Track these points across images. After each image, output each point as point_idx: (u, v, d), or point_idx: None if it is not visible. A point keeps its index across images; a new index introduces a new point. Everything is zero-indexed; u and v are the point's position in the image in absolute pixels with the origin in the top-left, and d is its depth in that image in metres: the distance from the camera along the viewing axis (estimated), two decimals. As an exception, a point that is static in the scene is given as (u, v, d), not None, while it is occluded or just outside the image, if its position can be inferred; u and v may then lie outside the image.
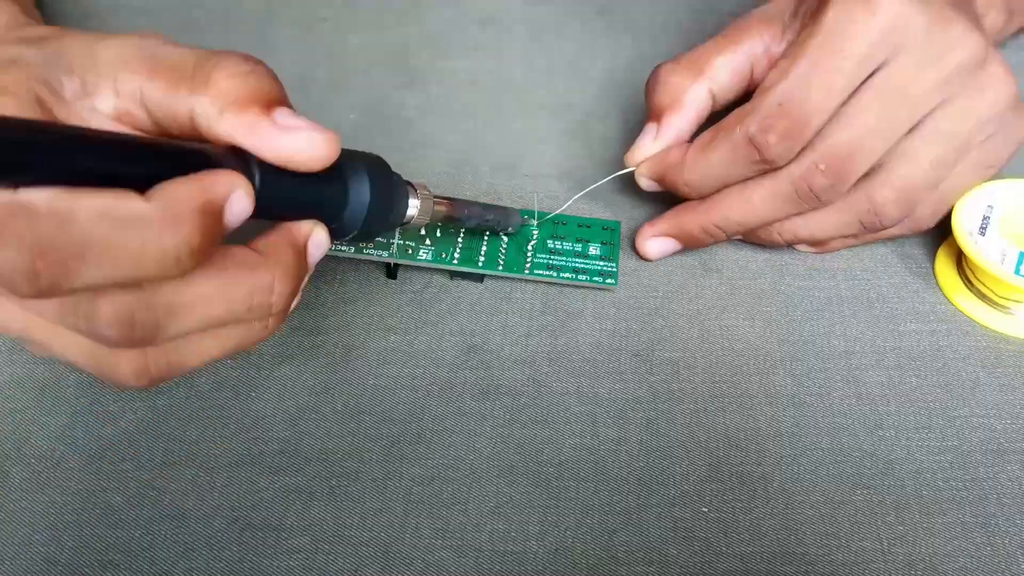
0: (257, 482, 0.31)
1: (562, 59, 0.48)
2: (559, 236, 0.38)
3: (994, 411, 0.33)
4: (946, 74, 0.32)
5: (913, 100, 0.33)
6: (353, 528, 0.30)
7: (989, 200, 0.36)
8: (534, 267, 0.37)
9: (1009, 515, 0.31)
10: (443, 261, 0.37)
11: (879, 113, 0.32)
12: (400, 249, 0.37)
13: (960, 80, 0.33)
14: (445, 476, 0.32)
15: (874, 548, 0.30)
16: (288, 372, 0.34)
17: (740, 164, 0.34)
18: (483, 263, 0.37)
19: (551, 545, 0.30)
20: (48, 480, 0.31)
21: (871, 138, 0.33)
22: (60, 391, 0.34)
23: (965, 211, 0.36)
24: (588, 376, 0.34)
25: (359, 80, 0.47)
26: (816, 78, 0.32)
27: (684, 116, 0.36)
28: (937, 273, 0.37)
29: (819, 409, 0.33)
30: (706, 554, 0.30)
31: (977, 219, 0.36)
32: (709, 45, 0.36)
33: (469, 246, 0.37)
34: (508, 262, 0.37)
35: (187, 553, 0.30)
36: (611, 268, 0.37)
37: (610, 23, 0.50)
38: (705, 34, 0.48)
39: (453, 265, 0.37)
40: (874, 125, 0.32)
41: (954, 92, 0.33)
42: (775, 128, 0.32)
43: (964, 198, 0.36)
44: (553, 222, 0.39)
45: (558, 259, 0.37)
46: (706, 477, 0.32)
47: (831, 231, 0.36)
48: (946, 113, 0.33)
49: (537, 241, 0.38)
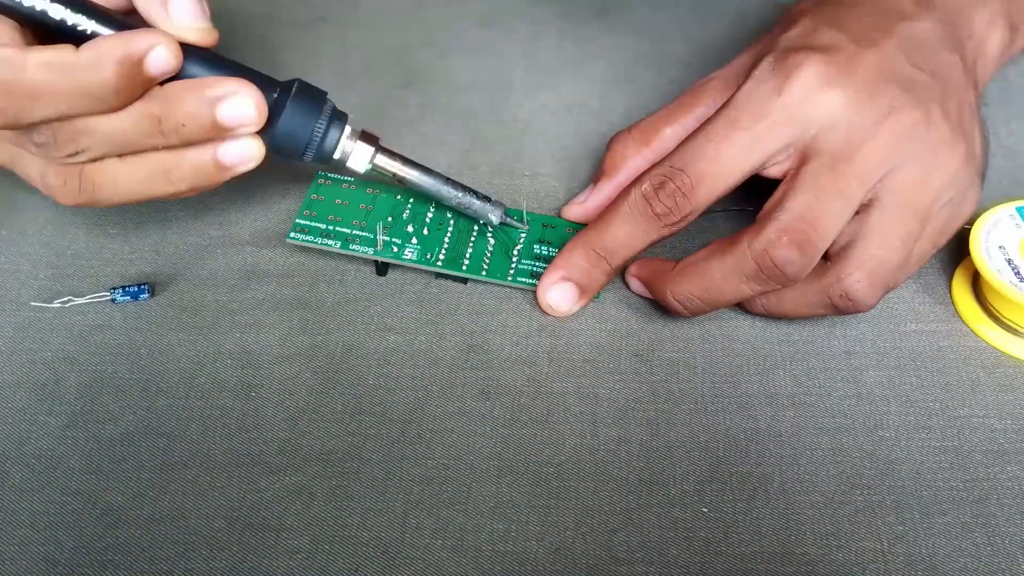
0: (257, 482, 0.31)
1: (562, 59, 0.48)
2: (547, 240, 0.38)
3: (994, 411, 0.33)
4: (885, 142, 0.32)
5: (858, 171, 0.32)
6: (353, 528, 0.30)
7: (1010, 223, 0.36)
8: (518, 274, 0.37)
9: (1009, 515, 0.31)
10: (428, 262, 0.36)
11: (832, 187, 0.32)
12: (386, 246, 0.37)
13: (907, 146, 0.32)
14: (445, 476, 0.32)
15: (874, 548, 0.30)
16: (288, 372, 0.34)
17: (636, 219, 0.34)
18: (467, 267, 0.37)
19: (551, 545, 0.30)
20: (48, 480, 0.31)
21: (828, 207, 0.32)
22: (60, 391, 0.34)
23: (984, 234, 0.35)
24: (588, 376, 0.34)
25: (359, 80, 0.47)
26: (711, 149, 0.33)
27: (615, 183, 0.37)
28: (955, 299, 0.37)
29: (819, 409, 0.33)
30: (706, 554, 0.30)
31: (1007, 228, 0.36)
32: (661, 114, 0.37)
33: (456, 247, 0.37)
34: (492, 267, 0.37)
35: (187, 553, 0.30)
36: None
37: (610, 23, 0.50)
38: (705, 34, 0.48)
39: (437, 267, 0.36)
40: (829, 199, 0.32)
41: (902, 159, 0.32)
42: (665, 187, 0.33)
43: (984, 219, 0.36)
44: (542, 224, 0.39)
45: (543, 267, 0.37)
46: (706, 477, 0.32)
47: (804, 310, 0.34)
48: (901, 181, 0.32)
49: (524, 245, 0.38)
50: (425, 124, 0.45)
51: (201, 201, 0.41)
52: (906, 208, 0.32)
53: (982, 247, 0.35)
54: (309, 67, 0.47)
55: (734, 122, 0.33)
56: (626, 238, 0.35)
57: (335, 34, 0.49)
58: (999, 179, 0.41)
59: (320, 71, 0.47)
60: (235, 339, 0.36)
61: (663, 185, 0.33)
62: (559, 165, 0.42)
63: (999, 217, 0.36)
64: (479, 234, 0.38)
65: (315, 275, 0.38)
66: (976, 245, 0.35)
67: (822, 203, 0.32)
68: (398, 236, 0.37)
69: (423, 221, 0.38)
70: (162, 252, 0.39)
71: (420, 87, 0.46)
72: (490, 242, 0.38)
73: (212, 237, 0.39)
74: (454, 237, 0.37)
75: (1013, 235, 0.35)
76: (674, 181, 0.33)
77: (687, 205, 0.33)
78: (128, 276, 0.38)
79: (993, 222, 0.36)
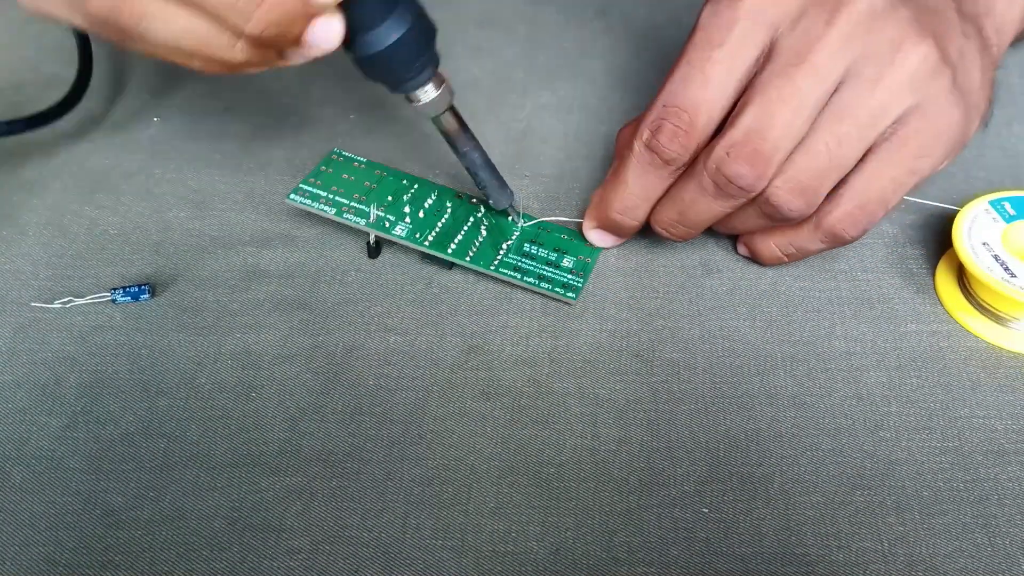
0: (257, 483, 0.31)
1: (562, 59, 0.48)
2: (539, 242, 0.38)
3: (994, 412, 0.33)
4: (839, 38, 0.31)
5: (810, 73, 0.31)
6: (353, 529, 0.30)
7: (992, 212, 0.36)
8: (502, 265, 0.37)
9: (1009, 515, 0.31)
10: (416, 240, 0.37)
11: (778, 95, 0.31)
12: (379, 220, 0.37)
13: (863, 41, 0.31)
14: (445, 477, 0.32)
15: (875, 549, 0.30)
16: (288, 372, 0.34)
17: (647, 172, 0.34)
18: (454, 251, 0.37)
19: (551, 546, 0.30)
20: (48, 481, 0.31)
21: (778, 117, 0.31)
22: (60, 392, 0.34)
23: (966, 224, 0.36)
24: (589, 377, 0.34)
25: (359, 80, 0.46)
26: (696, 73, 0.32)
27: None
28: (938, 287, 0.37)
29: (820, 410, 0.33)
30: (706, 555, 0.30)
31: (979, 231, 0.36)
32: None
33: (446, 231, 0.37)
34: (478, 255, 0.37)
35: (187, 554, 0.30)
36: (577, 283, 0.37)
37: (610, 23, 0.50)
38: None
39: (425, 246, 0.37)
40: (777, 107, 0.31)
41: (858, 60, 0.31)
42: (664, 129, 0.33)
43: (966, 210, 0.36)
44: (538, 227, 0.39)
45: (528, 263, 0.37)
46: (707, 478, 0.32)
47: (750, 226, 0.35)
48: (852, 85, 0.31)
49: (515, 241, 0.38)
50: (425, 124, 0.44)
51: (201, 201, 0.41)
52: (844, 112, 0.31)
53: (965, 243, 0.35)
54: (309, 67, 0.47)
55: (708, 41, 0.32)
56: (643, 191, 0.35)
57: (335, 34, 0.49)
58: (1000, 179, 0.41)
59: (320, 70, 0.47)
60: (235, 339, 0.36)
61: (661, 128, 0.33)
62: (559, 166, 0.42)
63: (975, 213, 0.36)
64: (472, 225, 0.38)
65: (315, 275, 0.38)
66: (959, 239, 0.35)
67: (771, 113, 0.31)
68: (393, 214, 0.38)
69: (421, 205, 0.38)
70: (162, 252, 0.39)
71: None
72: (482, 234, 0.38)
73: (212, 237, 0.39)
74: (448, 224, 0.38)
75: (993, 229, 0.36)
76: (671, 121, 0.32)
77: (691, 141, 0.33)
78: (128, 276, 0.38)
79: (971, 218, 0.36)
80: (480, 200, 0.39)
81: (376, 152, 0.41)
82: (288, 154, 0.43)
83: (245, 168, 0.42)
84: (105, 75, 0.47)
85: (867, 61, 0.31)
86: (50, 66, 0.48)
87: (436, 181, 0.40)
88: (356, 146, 0.42)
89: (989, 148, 0.43)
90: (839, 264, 0.38)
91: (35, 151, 0.43)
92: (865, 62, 0.31)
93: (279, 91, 0.46)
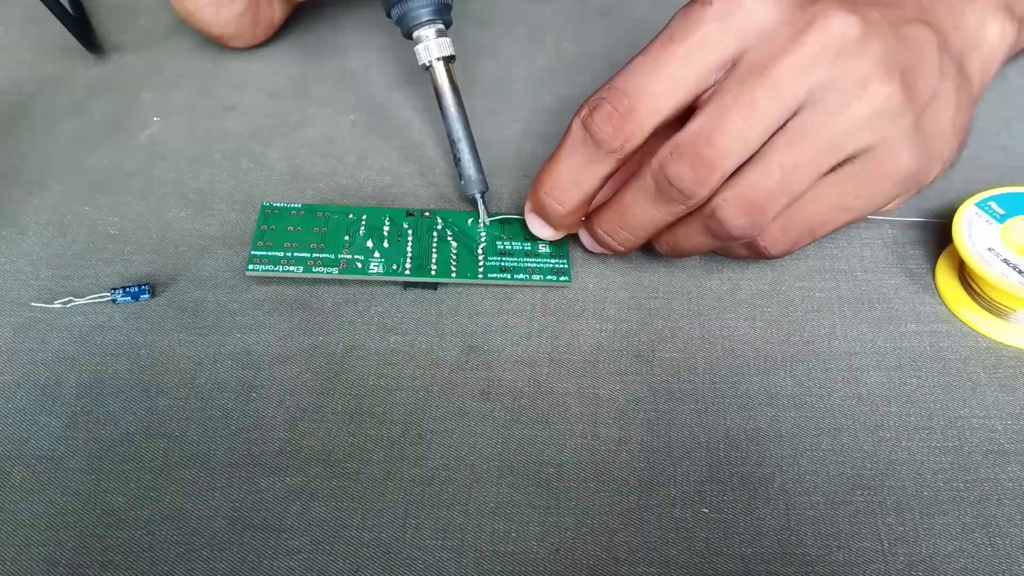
0: (257, 483, 0.31)
1: (562, 59, 0.48)
2: (508, 236, 0.38)
3: (994, 412, 0.33)
4: (806, 57, 0.30)
5: (770, 86, 0.30)
6: (353, 529, 0.30)
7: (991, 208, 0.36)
8: (487, 270, 0.37)
9: (1009, 515, 0.31)
10: (395, 272, 0.36)
11: (733, 102, 0.31)
12: (350, 264, 0.36)
13: (831, 67, 0.30)
14: (445, 477, 0.32)
15: (874, 549, 0.30)
16: (288, 373, 0.34)
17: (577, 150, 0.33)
18: (436, 271, 0.37)
19: (551, 546, 0.30)
20: (48, 481, 0.31)
21: (728, 123, 0.31)
22: (60, 392, 0.34)
23: (966, 218, 0.36)
24: (589, 377, 0.34)
25: (359, 80, 0.47)
26: (649, 62, 0.32)
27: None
28: (938, 282, 0.37)
29: (820, 410, 0.33)
30: (706, 555, 0.30)
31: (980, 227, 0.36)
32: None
33: (420, 254, 0.37)
34: (461, 268, 0.37)
35: (187, 554, 0.30)
36: (563, 265, 0.37)
37: (610, 23, 0.50)
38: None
39: (405, 276, 0.36)
40: (729, 113, 0.30)
41: (822, 85, 0.30)
42: (601, 108, 0.32)
43: (964, 206, 0.36)
44: (500, 222, 0.39)
45: (509, 260, 0.37)
46: (707, 478, 0.32)
47: (692, 240, 0.34)
48: (812, 110, 0.31)
49: (487, 243, 0.38)
50: (425, 124, 0.45)
51: (201, 201, 0.41)
52: (802, 136, 0.31)
53: (967, 244, 0.35)
54: (309, 67, 0.47)
55: (670, 37, 0.32)
56: (573, 173, 0.33)
57: (335, 34, 0.49)
58: (999, 179, 0.41)
59: (320, 70, 0.47)
60: (235, 339, 0.36)
61: (599, 107, 0.32)
62: (559, 165, 0.42)
63: (969, 218, 0.36)
64: (439, 239, 0.38)
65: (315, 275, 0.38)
66: (960, 239, 0.35)
67: (723, 119, 0.31)
68: (359, 252, 0.37)
69: (381, 235, 0.38)
70: (162, 252, 0.39)
71: (420, 87, 0.46)
72: (452, 245, 0.38)
73: (212, 237, 0.39)
74: (415, 245, 0.37)
75: (990, 230, 0.36)
76: (610, 101, 0.32)
77: (626, 126, 0.32)
78: (128, 276, 0.38)
79: (967, 223, 0.36)
80: (432, 211, 0.39)
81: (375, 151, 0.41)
82: (287, 154, 0.43)
83: (245, 168, 0.42)
84: (105, 75, 0.47)
85: (831, 89, 0.31)
86: (50, 66, 0.48)
87: (376, 205, 0.40)
88: (355, 147, 0.42)
89: (989, 148, 0.43)
90: (839, 264, 0.38)
91: (35, 151, 0.43)
92: (829, 90, 0.31)
93: (279, 91, 0.46)
